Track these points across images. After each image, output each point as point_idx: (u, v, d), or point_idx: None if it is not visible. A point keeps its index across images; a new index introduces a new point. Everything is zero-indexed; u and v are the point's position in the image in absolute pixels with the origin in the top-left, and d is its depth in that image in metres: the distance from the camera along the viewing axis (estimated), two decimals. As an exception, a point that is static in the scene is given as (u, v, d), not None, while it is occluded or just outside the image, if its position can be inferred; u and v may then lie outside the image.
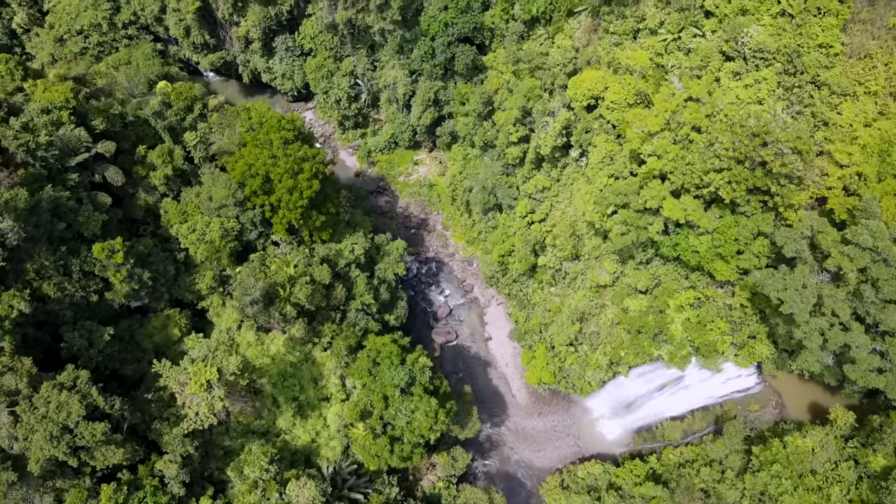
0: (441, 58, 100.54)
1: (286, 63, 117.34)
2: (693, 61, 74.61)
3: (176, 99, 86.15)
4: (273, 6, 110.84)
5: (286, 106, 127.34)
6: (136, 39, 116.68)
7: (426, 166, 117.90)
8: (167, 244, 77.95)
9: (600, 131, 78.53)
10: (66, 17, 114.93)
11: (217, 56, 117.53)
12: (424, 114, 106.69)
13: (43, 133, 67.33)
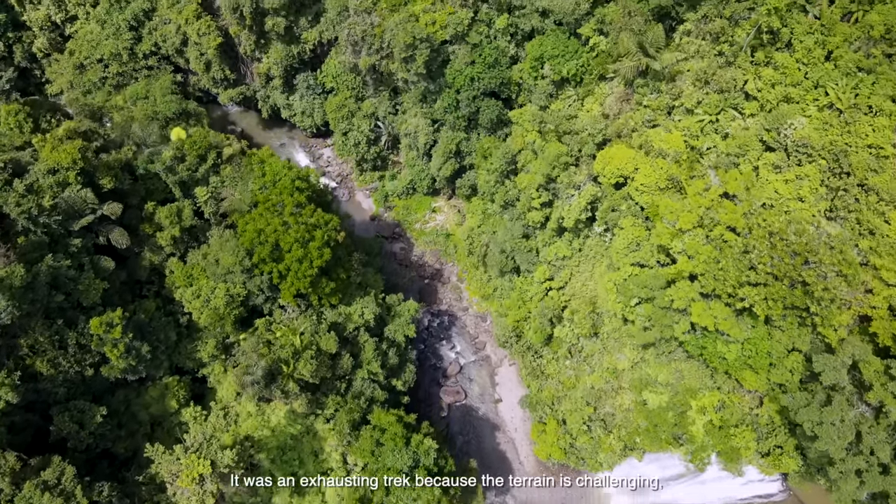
0: (465, 111, 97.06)
1: (306, 100, 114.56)
2: (730, 147, 70.50)
3: (189, 148, 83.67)
4: (296, 45, 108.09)
5: (304, 141, 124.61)
6: (155, 70, 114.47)
7: (444, 214, 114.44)
8: (171, 305, 75.33)
9: (627, 213, 74.57)
10: (87, 45, 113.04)
11: (237, 91, 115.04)
12: (445, 165, 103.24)
13: (48, 196, 64.86)
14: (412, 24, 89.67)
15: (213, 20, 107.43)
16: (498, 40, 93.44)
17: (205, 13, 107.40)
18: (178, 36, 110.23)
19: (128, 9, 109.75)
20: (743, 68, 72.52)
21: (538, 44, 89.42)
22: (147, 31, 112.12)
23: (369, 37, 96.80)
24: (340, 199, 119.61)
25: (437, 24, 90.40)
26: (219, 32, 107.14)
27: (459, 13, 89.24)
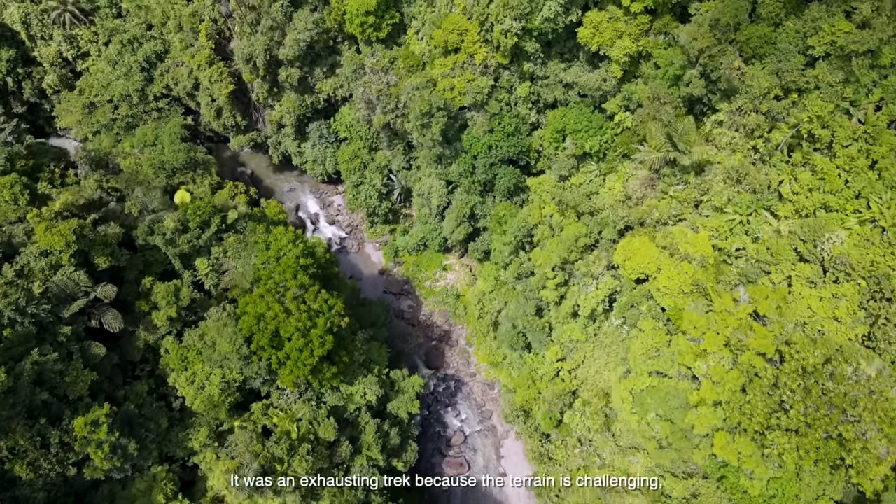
0: (482, 177, 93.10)
1: (318, 149, 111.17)
2: (761, 253, 66.00)
3: (193, 214, 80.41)
4: (310, 95, 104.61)
5: (315, 186, 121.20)
6: (166, 111, 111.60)
7: (455, 273, 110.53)
8: (164, 387, 72.11)
9: (648, 315, 70.28)
10: (97, 85, 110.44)
11: (247, 137, 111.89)
12: (458, 228, 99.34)
13: (38, 282, 61.83)
14: (429, 91, 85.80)
15: (226, 66, 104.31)
16: (518, 107, 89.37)
17: (217, 58, 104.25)
18: (190, 80, 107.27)
19: (140, 51, 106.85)
20: (778, 168, 68.04)
21: (560, 116, 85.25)
22: (159, 73, 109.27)
23: (385, 96, 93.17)
24: (349, 250, 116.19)
25: (455, 90, 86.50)
26: (231, 79, 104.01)
27: (479, 81, 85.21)
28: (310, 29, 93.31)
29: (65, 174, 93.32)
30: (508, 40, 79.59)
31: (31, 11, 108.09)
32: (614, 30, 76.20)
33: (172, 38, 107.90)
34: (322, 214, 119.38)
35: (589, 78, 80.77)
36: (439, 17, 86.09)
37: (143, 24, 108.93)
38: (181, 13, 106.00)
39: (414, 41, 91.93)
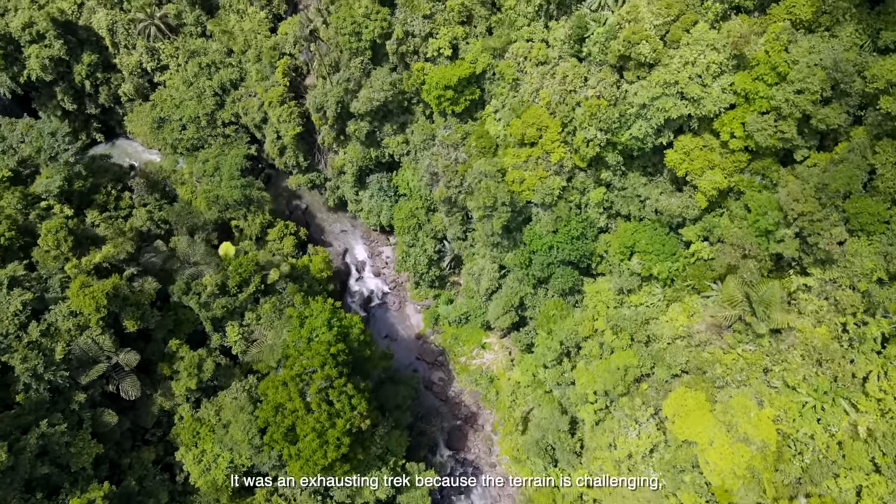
0: (537, 273, 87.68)
1: (376, 200, 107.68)
2: (832, 452, 58.76)
3: (233, 271, 77.93)
4: (376, 149, 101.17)
5: (366, 232, 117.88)
6: (232, 138, 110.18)
7: (493, 354, 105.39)
8: (171, 456, 69.75)
9: (690, 487, 63.85)
10: (170, 101, 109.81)
11: (307, 178, 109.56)
12: (504, 316, 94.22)
13: (61, 346, 60.04)
14: (496, 182, 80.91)
15: (297, 105, 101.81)
16: (588, 210, 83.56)
17: (290, 96, 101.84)
18: (260, 113, 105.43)
19: (216, 76, 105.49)
20: (868, 357, 60.44)
21: (631, 231, 79.11)
22: (231, 100, 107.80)
23: (451, 172, 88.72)
24: (390, 306, 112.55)
25: (524, 184, 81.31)
26: (300, 120, 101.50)
27: (552, 181, 79.81)
28: (386, 90, 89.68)
29: (120, 197, 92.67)
30: (590, 150, 73.98)
31: (118, 20, 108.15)
32: (706, 160, 69.71)
33: (250, 68, 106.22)
34: (369, 264, 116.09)
35: (670, 202, 74.36)
36: (520, 106, 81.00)
37: (223, 48, 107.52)
38: (262, 44, 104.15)
39: (490, 121, 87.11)
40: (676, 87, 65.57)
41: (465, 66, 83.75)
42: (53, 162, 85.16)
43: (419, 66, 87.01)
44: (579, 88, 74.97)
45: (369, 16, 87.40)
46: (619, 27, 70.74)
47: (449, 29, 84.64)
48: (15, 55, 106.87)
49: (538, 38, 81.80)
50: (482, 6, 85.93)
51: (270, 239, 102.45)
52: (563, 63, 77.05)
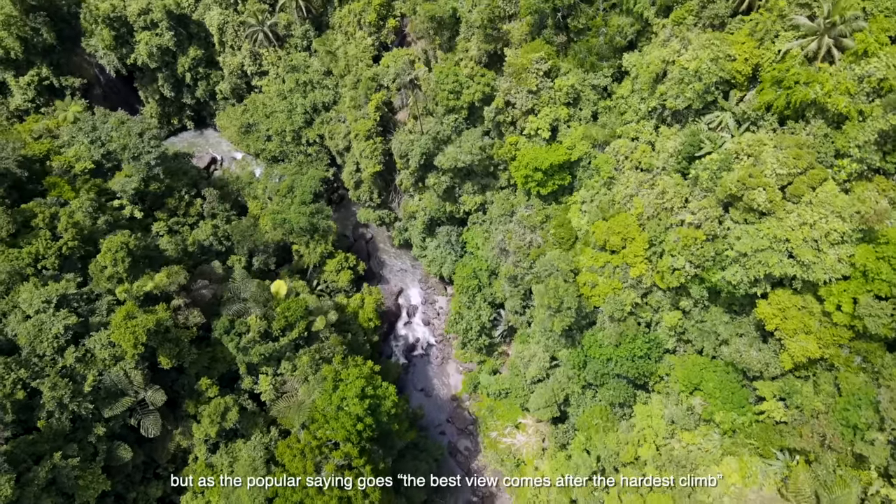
0: (590, 378, 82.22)
1: (441, 251, 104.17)
2: None
3: (280, 313, 76.11)
4: (451, 203, 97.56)
5: (425, 276, 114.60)
6: (312, 158, 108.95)
7: (526, 437, 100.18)
8: (177, 495, 68.48)
9: None
10: (261, 109, 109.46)
11: (377, 215, 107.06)
12: (545, 409, 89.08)
13: (91, 377, 59.32)
14: (567, 284, 75.83)
15: (383, 141, 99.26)
16: (658, 331, 77.37)
17: (378, 130, 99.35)
18: (345, 141, 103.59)
19: (311, 95, 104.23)
20: None
21: (700, 368, 72.63)
22: (319, 121, 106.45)
23: (522, 253, 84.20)
24: (431, 360, 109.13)
25: (596, 290, 75.93)
26: (382, 158, 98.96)
27: (625, 295, 74.15)
28: (474, 153, 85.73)
29: (192, 203, 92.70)
30: (674, 279, 67.93)
31: (229, 20, 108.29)
32: (802, 323, 62.53)
33: (345, 93, 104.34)
34: (421, 310, 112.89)
35: (750, 354, 67.49)
36: (610, 207, 75.53)
37: (323, 68, 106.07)
38: (362, 72, 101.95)
39: (575, 210, 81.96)
40: (786, 244, 58.84)
41: (561, 152, 78.86)
42: (136, 161, 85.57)
43: (514, 139, 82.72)
44: (677, 209, 68.90)
45: (473, 77, 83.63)
46: (737, 158, 64.37)
47: (552, 109, 79.90)
48: (126, 38, 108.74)
49: (644, 138, 76.09)
50: (593, 90, 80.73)
51: (328, 270, 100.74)
52: (666, 177, 71.09)
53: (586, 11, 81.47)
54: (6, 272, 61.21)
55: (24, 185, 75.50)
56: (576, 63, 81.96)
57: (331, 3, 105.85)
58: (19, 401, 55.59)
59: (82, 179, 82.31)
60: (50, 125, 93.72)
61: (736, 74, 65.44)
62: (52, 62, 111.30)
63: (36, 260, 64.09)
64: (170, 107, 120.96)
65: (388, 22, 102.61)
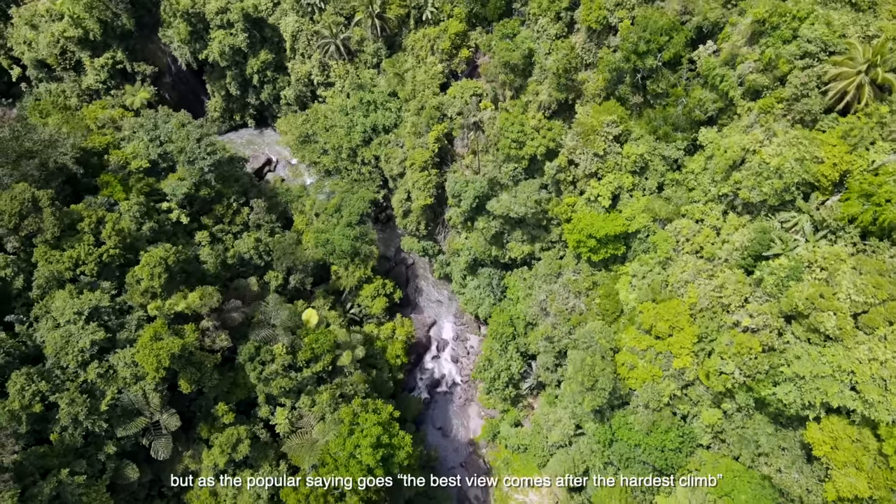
0: (614, 458, 78.52)
1: (480, 292, 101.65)
2: None
3: (307, 344, 74.80)
4: (499, 248, 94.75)
5: (460, 312, 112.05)
6: (365, 177, 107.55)
7: (539, 498, 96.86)
8: (181, 515, 67.86)
9: None
10: (322, 122, 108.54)
11: (421, 246, 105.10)
12: (563, 477, 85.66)
13: (111, 392, 58.88)
14: (603, 362, 72.22)
15: (437, 174, 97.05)
16: (693, 425, 73.08)
17: (434, 161, 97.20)
18: (400, 166, 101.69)
19: (372, 116, 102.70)
20: None
21: (733, 475, 68.12)
22: (378, 142, 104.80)
23: (562, 317, 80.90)
24: (454, 399, 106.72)
25: (634, 373, 72.08)
26: (434, 191, 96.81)
27: (665, 384, 70.13)
28: (529, 206, 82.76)
29: (239, 211, 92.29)
30: (719, 382, 63.71)
31: (304, 28, 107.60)
32: (854, 458, 57.69)
33: (407, 118, 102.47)
34: (451, 345, 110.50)
35: (791, 477, 62.80)
36: (661, 290, 71.59)
37: (389, 90, 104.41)
38: (427, 100, 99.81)
39: (624, 283, 78.15)
40: (851, 377, 54.17)
41: (619, 223, 75.20)
42: (190, 165, 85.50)
43: (571, 200, 79.43)
44: (735, 308, 64.57)
45: (539, 129, 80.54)
46: (808, 268, 59.76)
47: (617, 176, 76.23)
48: (202, 34, 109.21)
49: (710, 223, 71.80)
50: (662, 160, 76.74)
51: (363, 294, 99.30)
52: (727, 270, 66.77)
53: (667, 77, 77.44)
54: (44, 277, 61.28)
55: (78, 180, 75.92)
56: (648, 129, 78.10)
57: (406, 25, 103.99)
58: (36, 413, 55.42)
59: (136, 178, 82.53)
60: (114, 115, 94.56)
61: (821, 178, 60.74)
62: (128, 47, 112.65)
63: (76, 265, 63.98)
64: (234, 103, 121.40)
65: (461, 51, 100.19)
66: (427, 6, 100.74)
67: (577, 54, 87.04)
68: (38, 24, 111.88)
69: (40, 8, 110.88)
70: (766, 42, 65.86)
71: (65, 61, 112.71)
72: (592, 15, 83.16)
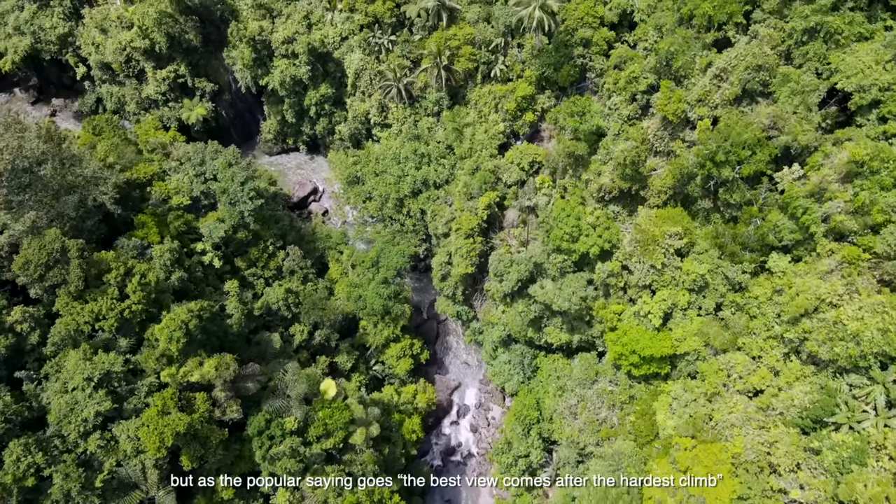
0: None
1: (511, 368, 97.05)
2: None
3: (321, 418, 71.64)
4: (535, 331, 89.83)
5: (487, 379, 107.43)
6: (408, 230, 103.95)
7: None
8: (164, 587, 65.27)
9: None
10: (372, 165, 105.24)
11: (455, 310, 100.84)
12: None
13: (109, 464, 56.58)
14: (629, 498, 66.90)
15: (483, 243, 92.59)
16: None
17: (480, 230, 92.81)
18: (445, 227, 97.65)
19: (424, 170, 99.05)
20: None
21: None
22: (426, 196, 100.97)
23: (592, 427, 75.70)
24: (467, 472, 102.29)
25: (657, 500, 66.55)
26: (476, 260, 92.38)
27: (693, 533, 64.29)
28: (573, 303, 77.68)
29: (274, 255, 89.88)
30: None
31: (368, 67, 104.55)
32: None
33: (460, 176, 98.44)
34: (472, 413, 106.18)
35: None
36: (703, 427, 65.77)
37: (445, 143, 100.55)
38: (483, 162, 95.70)
39: (663, 403, 72.51)
40: None
41: (667, 344, 69.60)
42: (231, 207, 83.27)
43: (619, 308, 74.09)
44: (784, 473, 58.48)
45: (596, 227, 75.32)
46: (875, 451, 53.36)
47: (672, 293, 70.56)
48: (265, 60, 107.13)
49: (768, 362, 65.64)
50: (724, 281, 70.74)
51: (389, 353, 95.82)
52: (781, 426, 60.61)
53: (743, 190, 71.42)
54: (60, 335, 59.39)
55: (115, 217, 74.23)
56: (713, 242, 72.17)
57: (473, 78, 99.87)
58: (28, 486, 53.46)
59: (175, 214, 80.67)
60: (165, 141, 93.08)
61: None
62: (192, 62, 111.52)
63: (96, 318, 61.94)
64: (288, 128, 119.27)
65: (526, 114, 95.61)
66: (497, 63, 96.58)
67: (647, 142, 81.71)
68: (107, 28, 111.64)
69: (112, 13, 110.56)
70: (862, 184, 59.36)
71: (128, 69, 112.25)
72: (671, 106, 77.67)
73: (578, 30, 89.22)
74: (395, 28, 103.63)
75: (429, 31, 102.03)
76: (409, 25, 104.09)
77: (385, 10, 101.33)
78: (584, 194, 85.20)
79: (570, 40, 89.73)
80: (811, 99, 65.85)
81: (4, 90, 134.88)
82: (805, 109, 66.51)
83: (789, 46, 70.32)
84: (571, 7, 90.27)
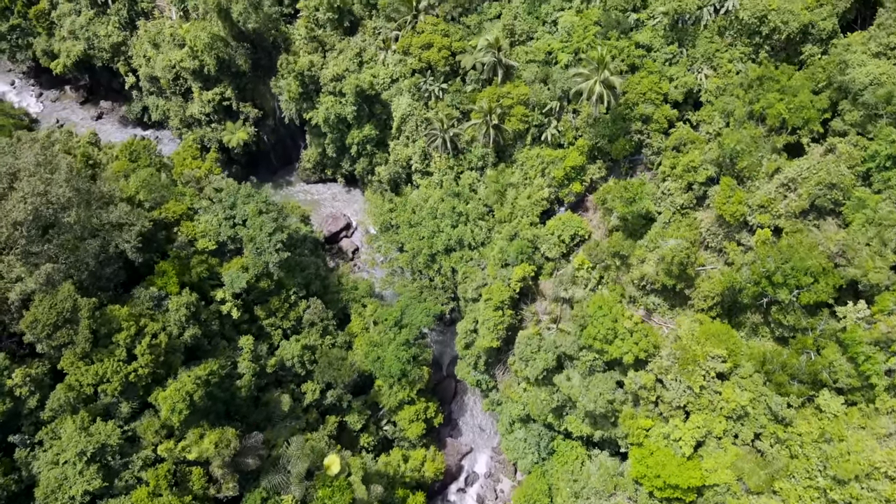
0: None
1: (525, 446, 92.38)
2: None
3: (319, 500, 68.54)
4: (557, 417, 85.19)
5: (499, 448, 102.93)
6: (437, 290, 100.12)
7: None
8: None
9: None
10: (406, 215, 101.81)
11: (474, 379, 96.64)
12: None
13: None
14: None
15: (512, 317, 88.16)
16: None
17: (511, 302, 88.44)
18: (475, 292, 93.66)
19: (460, 229, 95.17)
20: None
21: None
22: (459, 255, 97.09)
23: None
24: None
25: None
26: (504, 334, 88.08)
27: None
28: (599, 405, 73.03)
29: (295, 306, 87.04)
30: None
31: (415, 113, 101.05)
32: None
33: (496, 240, 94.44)
34: (480, 482, 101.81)
35: None
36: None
37: (487, 202, 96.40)
38: (522, 229, 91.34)
39: (685, 534, 67.21)
40: None
41: (696, 475, 64.38)
42: (257, 256, 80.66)
43: (647, 424, 69.07)
44: None
45: (633, 332, 70.35)
46: None
47: (707, 419, 65.24)
48: (311, 94, 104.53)
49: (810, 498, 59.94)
50: (767, 412, 65.15)
51: (402, 415, 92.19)
52: None
53: (799, 316, 65.68)
54: (59, 402, 57.26)
55: (136, 265, 72.17)
56: (758, 364, 66.68)
57: (522, 139, 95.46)
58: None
59: (198, 259, 78.39)
60: (199, 175, 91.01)
61: (965, 551, 48.17)
62: (238, 86, 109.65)
63: (99, 381, 59.71)
64: (328, 160, 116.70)
65: (573, 184, 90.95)
66: (550, 127, 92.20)
67: (699, 235, 76.62)
68: (160, 43, 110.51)
69: (166, 30, 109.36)
70: (937, 346, 53.32)
71: (175, 86, 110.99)
72: (730, 207, 72.42)
73: (639, 104, 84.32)
74: (447, 76, 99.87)
75: (482, 85, 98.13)
76: (462, 75, 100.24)
77: (440, 57, 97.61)
78: (625, 279, 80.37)
79: (630, 114, 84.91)
80: (888, 234, 59.81)
81: (55, 87, 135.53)
82: (880, 244, 60.51)
83: (869, 169, 64.31)
84: (635, 80, 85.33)
